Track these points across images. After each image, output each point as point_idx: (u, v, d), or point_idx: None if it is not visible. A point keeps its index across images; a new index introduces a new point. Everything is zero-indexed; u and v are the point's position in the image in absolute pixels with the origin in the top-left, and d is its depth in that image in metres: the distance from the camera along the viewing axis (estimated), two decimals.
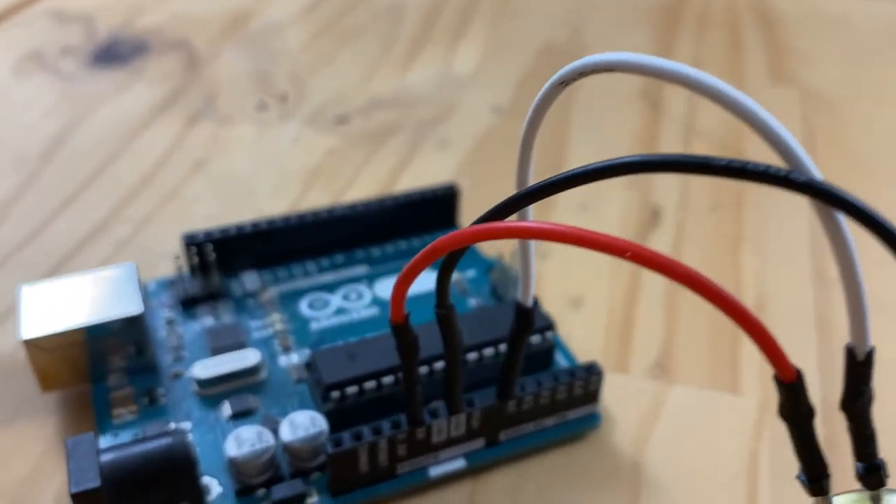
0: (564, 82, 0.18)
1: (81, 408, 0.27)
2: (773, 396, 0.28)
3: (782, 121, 0.15)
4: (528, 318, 0.23)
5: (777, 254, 0.34)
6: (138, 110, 0.43)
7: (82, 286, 0.27)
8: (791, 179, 0.15)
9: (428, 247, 0.19)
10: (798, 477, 0.18)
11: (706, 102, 0.43)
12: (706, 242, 0.35)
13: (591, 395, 0.26)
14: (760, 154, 0.40)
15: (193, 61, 0.48)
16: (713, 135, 0.42)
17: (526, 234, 0.17)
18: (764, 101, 0.16)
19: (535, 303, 0.23)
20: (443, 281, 0.21)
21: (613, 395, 0.28)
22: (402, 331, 0.22)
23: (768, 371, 0.29)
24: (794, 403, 0.17)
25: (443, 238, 0.18)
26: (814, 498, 0.17)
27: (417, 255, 0.20)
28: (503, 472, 0.25)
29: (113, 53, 0.48)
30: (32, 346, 0.25)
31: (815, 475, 0.17)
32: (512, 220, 0.18)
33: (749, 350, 0.30)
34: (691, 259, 0.34)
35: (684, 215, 0.36)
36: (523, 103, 0.44)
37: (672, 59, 0.15)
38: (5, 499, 0.24)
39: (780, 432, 0.26)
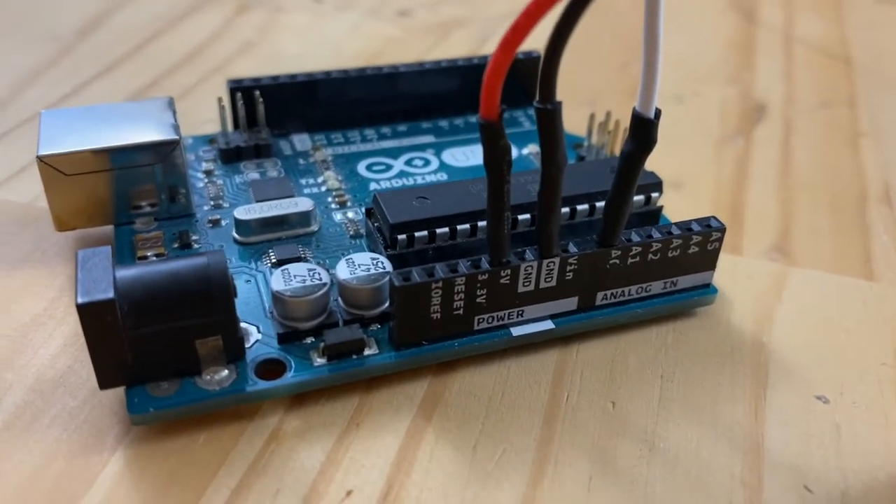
0: None
1: None
2: None
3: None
4: (648, 133, 0.18)
5: None
6: None
7: (111, 114, 0.23)
8: None
9: None
10: None
11: (804, 10, 0.38)
12: (819, 138, 0.30)
13: (709, 259, 0.21)
14: (868, 60, 0.36)
15: None
16: (816, 43, 0.37)
17: None
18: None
19: (658, 114, 0.18)
20: (552, 60, 0.17)
21: (726, 275, 0.23)
22: (493, 132, 0.17)
23: None
24: None
25: None
26: None
27: (527, 6, 0.16)
28: (596, 343, 0.21)
29: None
30: (49, 167, 0.21)
31: None
32: None
33: (882, 243, 0.25)
34: (805, 154, 0.29)
35: (792, 112, 0.32)
36: None
37: None
38: (7, 339, 0.21)
39: None
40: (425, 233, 0.21)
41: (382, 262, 0.20)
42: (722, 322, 0.22)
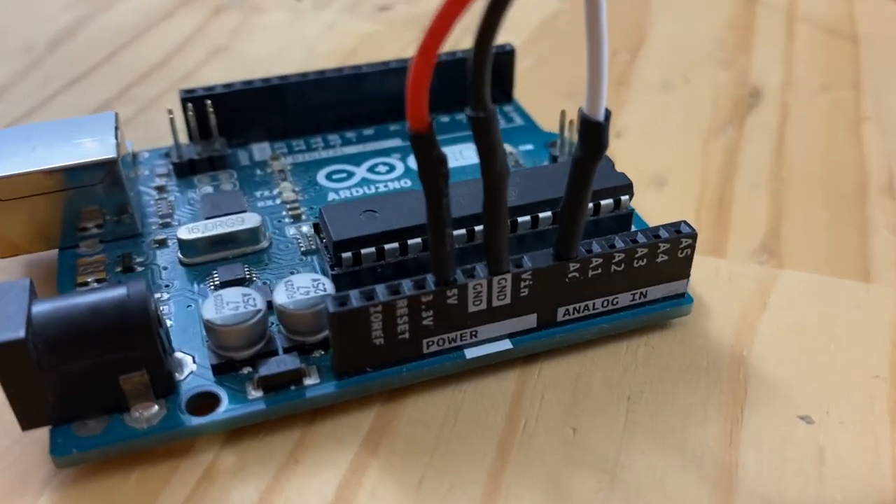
0: None
1: (45, 277, 0.22)
2: None
3: None
4: (598, 138, 0.17)
5: None
6: (162, 4, 0.38)
7: (51, 133, 0.22)
8: None
9: None
10: None
11: None
12: (818, 124, 0.28)
13: (681, 267, 0.20)
14: (876, 37, 0.34)
15: None
16: (820, 20, 0.35)
17: None
18: None
19: (608, 116, 0.17)
20: (480, 63, 0.15)
21: (706, 280, 0.22)
22: (424, 143, 0.16)
23: None
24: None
25: None
26: None
27: (441, 8, 0.14)
28: (560, 362, 0.20)
29: None
30: None
31: None
32: None
33: (883, 238, 0.23)
34: (801, 142, 0.27)
35: (790, 96, 0.30)
36: None
37: None
38: None
39: None
40: (373, 249, 0.20)
41: (324, 284, 0.19)
42: (699, 334, 0.20)
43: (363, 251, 0.20)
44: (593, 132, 0.17)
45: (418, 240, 0.20)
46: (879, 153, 0.27)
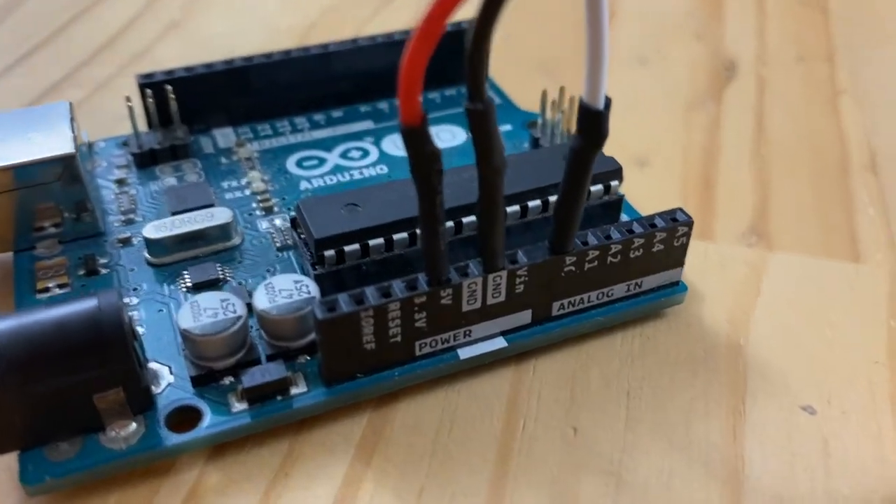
0: None
1: (1, 283, 0.20)
2: None
3: None
4: (598, 126, 0.16)
5: (887, 106, 0.27)
6: None
7: (2, 126, 0.20)
8: None
9: None
10: None
11: None
12: (795, 97, 0.28)
13: (676, 255, 0.19)
14: (846, 8, 0.33)
15: None
16: None
17: None
18: None
19: (609, 103, 0.16)
20: (479, 52, 0.14)
21: (696, 266, 0.21)
22: (417, 138, 0.15)
23: None
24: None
25: None
26: None
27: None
28: (555, 357, 0.19)
29: None
30: None
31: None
32: None
33: (869, 217, 0.23)
34: (780, 116, 0.27)
35: (765, 68, 0.29)
36: None
37: None
38: None
39: None
40: (357, 246, 0.18)
41: (307, 286, 0.18)
42: (693, 323, 0.20)
43: (346, 248, 0.18)
44: (593, 121, 0.16)
45: (404, 234, 0.19)
46: (858, 127, 0.26)
